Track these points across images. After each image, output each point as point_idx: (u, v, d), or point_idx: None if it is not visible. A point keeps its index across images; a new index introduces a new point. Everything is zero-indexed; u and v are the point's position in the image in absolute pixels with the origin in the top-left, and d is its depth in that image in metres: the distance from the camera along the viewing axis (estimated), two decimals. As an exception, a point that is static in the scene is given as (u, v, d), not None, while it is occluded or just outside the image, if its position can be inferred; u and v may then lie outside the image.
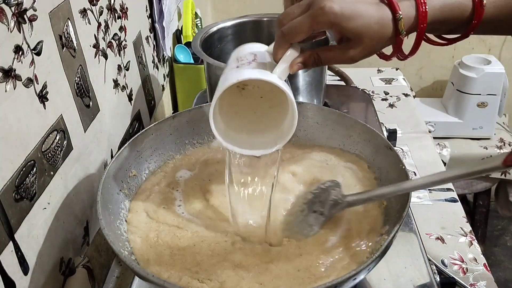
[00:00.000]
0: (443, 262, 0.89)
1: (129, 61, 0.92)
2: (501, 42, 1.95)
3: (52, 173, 0.61)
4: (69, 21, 0.66)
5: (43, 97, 0.59)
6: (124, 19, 0.90)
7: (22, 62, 0.54)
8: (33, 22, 0.57)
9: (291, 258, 0.55)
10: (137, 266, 0.50)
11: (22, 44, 0.54)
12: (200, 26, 1.42)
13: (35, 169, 0.57)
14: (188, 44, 1.28)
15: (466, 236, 0.94)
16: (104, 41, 0.79)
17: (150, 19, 1.08)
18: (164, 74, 1.20)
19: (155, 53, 1.12)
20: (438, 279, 0.65)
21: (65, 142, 0.65)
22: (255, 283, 0.52)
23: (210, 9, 1.91)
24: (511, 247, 2.02)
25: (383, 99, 1.45)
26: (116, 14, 0.86)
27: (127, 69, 0.91)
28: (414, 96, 1.55)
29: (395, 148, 0.63)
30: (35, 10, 0.57)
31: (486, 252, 1.65)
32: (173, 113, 0.89)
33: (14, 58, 0.53)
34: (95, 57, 0.76)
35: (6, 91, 0.52)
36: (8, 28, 0.52)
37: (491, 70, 1.69)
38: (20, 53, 0.54)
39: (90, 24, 0.74)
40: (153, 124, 0.69)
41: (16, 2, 0.53)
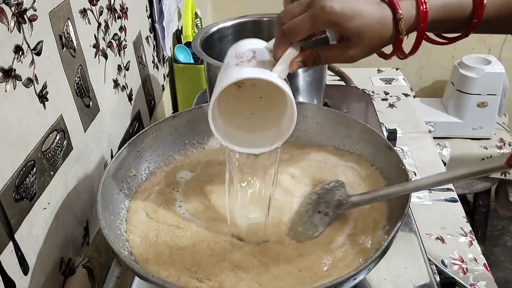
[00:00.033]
0: (443, 262, 0.89)
1: (129, 61, 0.92)
2: (501, 42, 1.94)
3: (52, 173, 0.61)
4: (69, 21, 0.66)
5: (43, 97, 0.59)
6: (124, 19, 0.90)
7: (22, 62, 0.54)
8: (33, 22, 0.57)
9: (292, 258, 0.55)
10: (137, 266, 0.49)
11: (22, 44, 0.54)
12: (200, 26, 1.42)
13: (35, 169, 0.57)
14: (188, 44, 1.28)
15: (466, 236, 0.94)
16: (104, 41, 0.79)
17: (150, 19, 1.08)
18: (164, 74, 1.20)
19: (155, 53, 1.12)
20: (438, 279, 0.65)
21: (65, 142, 0.65)
22: (255, 284, 0.52)
23: (210, 9, 1.91)
24: (511, 247, 2.02)
25: (383, 99, 1.45)
26: (116, 14, 0.86)
27: (127, 69, 0.91)
28: (414, 96, 1.55)
29: (395, 148, 0.63)
30: (35, 10, 0.57)
31: (486, 252, 1.65)
32: (173, 113, 0.89)
33: (14, 58, 0.53)
34: (95, 57, 0.76)
35: (6, 91, 0.52)
36: (8, 28, 0.52)
37: (491, 70, 1.69)
38: (20, 53, 0.54)
39: (90, 24, 0.74)
40: (153, 124, 0.69)
41: (16, 2, 0.53)
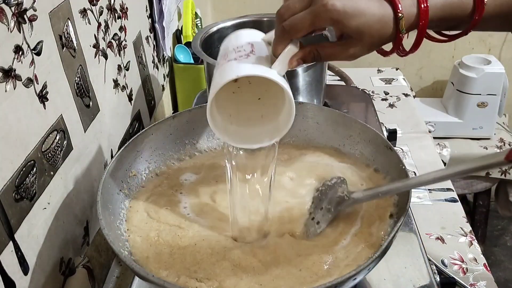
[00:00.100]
0: (443, 262, 0.89)
1: (129, 61, 0.92)
2: (501, 42, 1.94)
3: (52, 173, 0.61)
4: (69, 21, 0.66)
5: (43, 97, 0.59)
6: (124, 19, 0.90)
7: (22, 62, 0.54)
8: (33, 22, 0.57)
9: (292, 258, 0.55)
10: (137, 266, 0.49)
11: (22, 44, 0.54)
12: (200, 26, 1.42)
13: (35, 169, 0.57)
14: (188, 44, 1.28)
15: (466, 236, 0.94)
16: (104, 41, 0.79)
17: (150, 19, 1.08)
18: (164, 74, 1.20)
19: (155, 53, 1.12)
20: (438, 279, 0.65)
21: (65, 142, 0.65)
22: (255, 284, 0.52)
23: (210, 9, 1.91)
24: (511, 247, 2.02)
25: (383, 99, 1.45)
26: (116, 14, 0.86)
27: (127, 69, 0.91)
28: (414, 96, 1.55)
29: (395, 148, 0.63)
30: (35, 10, 0.57)
31: (486, 252, 1.65)
32: (173, 113, 0.89)
33: (14, 58, 0.53)
34: (95, 57, 0.76)
35: (6, 91, 0.52)
36: (8, 28, 0.52)
37: (491, 70, 1.69)
38: (20, 53, 0.54)
39: (90, 24, 0.74)
40: (153, 124, 0.69)
41: (16, 2, 0.53)
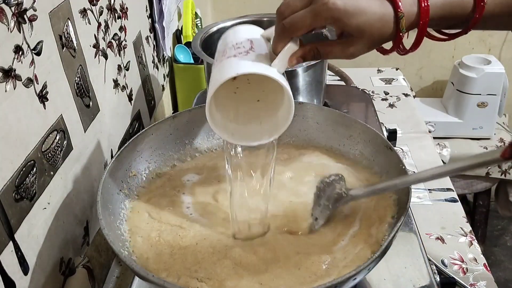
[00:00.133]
0: (443, 262, 0.88)
1: (129, 61, 0.92)
2: (501, 42, 1.94)
3: (52, 173, 0.61)
4: (69, 21, 0.66)
5: (43, 97, 0.59)
6: (124, 19, 0.90)
7: (22, 62, 0.54)
8: (33, 22, 0.57)
9: (291, 256, 0.55)
10: (137, 266, 0.49)
11: (22, 44, 0.54)
12: (200, 26, 1.42)
13: (35, 169, 0.57)
14: (188, 44, 1.28)
15: (466, 236, 0.94)
16: (104, 41, 0.79)
17: (150, 19, 1.08)
18: (164, 74, 1.20)
19: (155, 53, 1.12)
20: (438, 279, 0.65)
21: (65, 142, 0.65)
22: (255, 283, 0.52)
23: (210, 9, 1.91)
24: (511, 247, 2.02)
25: (383, 99, 1.45)
26: (116, 14, 0.85)
27: (127, 69, 0.91)
28: (414, 96, 1.55)
29: (395, 148, 0.63)
30: (35, 10, 0.57)
31: (486, 252, 1.65)
32: (173, 113, 0.89)
33: (14, 58, 0.53)
34: (95, 57, 0.76)
35: (6, 91, 0.52)
36: (8, 28, 0.52)
37: (491, 70, 1.69)
38: (20, 53, 0.54)
39: (90, 24, 0.74)
40: (153, 124, 0.69)
41: (16, 2, 0.53)
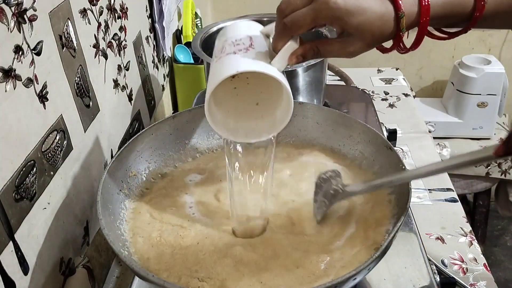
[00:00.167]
0: (443, 262, 0.88)
1: (129, 61, 0.92)
2: (501, 42, 1.94)
3: (52, 173, 0.61)
4: (69, 21, 0.66)
5: (43, 97, 0.59)
6: (124, 19, 0.90)
7: (22, 62, 0.54)
8: (33, 22, 0.57)
9: (290, 252, 0.56)
10: (137, 266, 0.49)
11: (22, 44, 0.54)
12: (200, 26, 1.42)
13: (35, 169, 0.57)
14: (188, 44, 1.28)
15: (466, 236, 0.94)
16: (104, 41, 0.79)
17: (150, 19, 1.08)
18: (164, 74, 1.20)
19: (155, 53, 1.12)
20: (438, 279, 0.65)
21: (65, 142, 0.65)
22: (256, 282, 0.52)
23: (210, 9, 1.91)
24: (511, 247, 2.02)
25: (383, 99, 1.45)
26: (116, 14, 0.86)
27: (127, 69, 0.91)
28: (414, 96, 1.55)
29: (395, 148, 0.63)
30: (35, 10, 0.57)
31: (486, 252, 1.65)
32: (173, 113, 0.89)
33: (14, 58, 0.53)
34: (95, 57, 0.76)
35: (6, 91, 0.52)
36: (8, 28, 0.52)
37: (491, 70, 1.69)
38: (20, 53, 0.54)
39: (90, 24, 0.74)
40: (153, 124, 0.69)
41: (16, 2, 0.53)
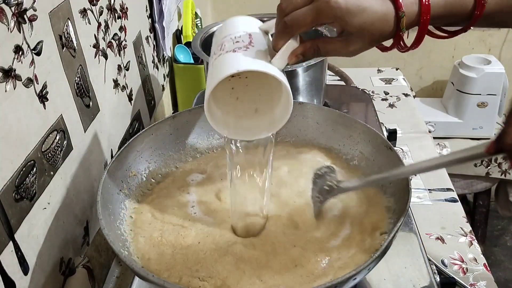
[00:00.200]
0: (443, 262, 0.88)
1: (129, 61, 0.92)
2: (501, 42, 1.94)
3: (52, 173, 0.61)
4: (69, 21, 0.66)
5: (43, 97, 0.59)
6: (124, 19, 0.90)
7: (22, 62, 0.54)
8: (33, 22, 0.57)
9: (288, 249, 0.56)
10: (137, 266, 0.49)
11: (22, 44, 0.54)
12: (200, 26, 1.42)
13: (35, 169, 0.57)
14: (188, 44, 1.28)
15: (466, 236, 0.94)
16: (104, 41, 0.79)
17: (150, 19, 1.08)
18: (164, 74, 1.20)
19: (155, 53, 1.12)
20: (438, 279, 0.65)
21: (65, 142, 0.65)
22: (256, 279, 0.53)
23: (210, 9, 1.91)
24: (511, 247, 2.02)
25: (383, 99, 1.45)
26: (116, 14, 0.85)
27: (127, 69, 0.91)
28: (414, 96, 1.55)
29: (395, 148, 0.63)
30: (35, 10, 0.57)
31: (486, 252, 1.65)
32: (173, 113, 0.89)
33: (14, 58, 0.53)
34: (95, 57, 0.76)
35: (6, 91, 0.52)
36: (8, 28, 0.52)
37: (491, 70, 1.69)
38: (20, 53, 0.54)
39: (90, 24, 0.74)
40: (153, 124, 0.69)
41: (16, 2, 0.53)
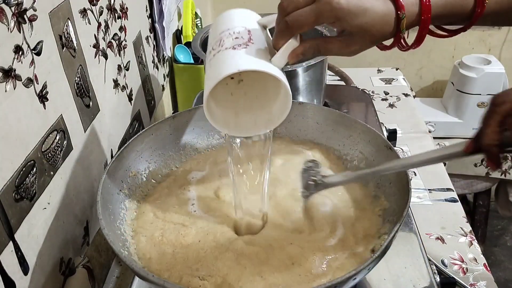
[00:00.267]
0: (443, 262, 0.88)
1: (129, 61, 0.92)
2: (501, 42, 1.94)
3: (52, 173, 0.61)
4: (69, 21, 0.66)
5: (43, 97, 0.59)
6: (124, 19, 0.90)
7: (22, 62, 0.54)
8: (33, 22, 0.57)
9: (286, 246, 0.56)
10: (137, 266, 0.49)
11: (22, 44, 0.54)
12: (200, 26, 1.42)
13: (35, 169, 0.57)
14: (188, 44, 1.28)
15: (466, 236, 0.94)
16: (104, 41, 0.79)
17: (150, 19, 1.08)
18: (164, 74, 1.20)
19: (155, 53, 1.12)
20: (438, 279, 0.65)
21: (65, 142, 0.65)
22: (256, 276, 0.53)
23: (210, 9, 1.91)
24: (511, 247, 2.02)
25: (383, 99, 1.45)
26: (116, 14, 0.85)
27: (127, 69, 0.91)
28: (414, 96, 1.55)
29: (395, 148, 0.63)
30: (35, 10, 0.57)
31: (486, 252, 1.65)
32: (173, 113, 0.89)
33: (14, 58, 0.53)
34: (95, 57, 0.76)
35: (6, 91, 0.52)
36: (8, 28, 0.52)
37: (491, 70, 1.69)
38: (20, 53, 0.54)
39: (90, 24, 0.74)
40: (153, 124, 0.70)
41: (16, 2, 0.53)
